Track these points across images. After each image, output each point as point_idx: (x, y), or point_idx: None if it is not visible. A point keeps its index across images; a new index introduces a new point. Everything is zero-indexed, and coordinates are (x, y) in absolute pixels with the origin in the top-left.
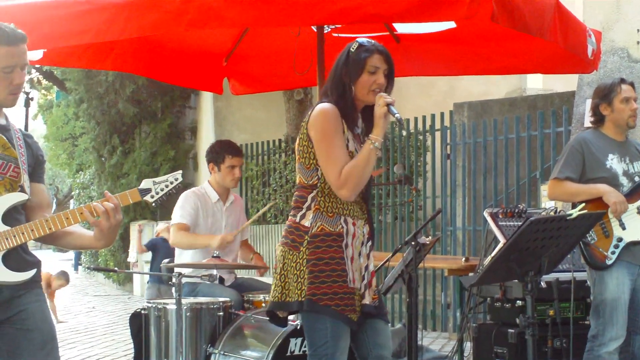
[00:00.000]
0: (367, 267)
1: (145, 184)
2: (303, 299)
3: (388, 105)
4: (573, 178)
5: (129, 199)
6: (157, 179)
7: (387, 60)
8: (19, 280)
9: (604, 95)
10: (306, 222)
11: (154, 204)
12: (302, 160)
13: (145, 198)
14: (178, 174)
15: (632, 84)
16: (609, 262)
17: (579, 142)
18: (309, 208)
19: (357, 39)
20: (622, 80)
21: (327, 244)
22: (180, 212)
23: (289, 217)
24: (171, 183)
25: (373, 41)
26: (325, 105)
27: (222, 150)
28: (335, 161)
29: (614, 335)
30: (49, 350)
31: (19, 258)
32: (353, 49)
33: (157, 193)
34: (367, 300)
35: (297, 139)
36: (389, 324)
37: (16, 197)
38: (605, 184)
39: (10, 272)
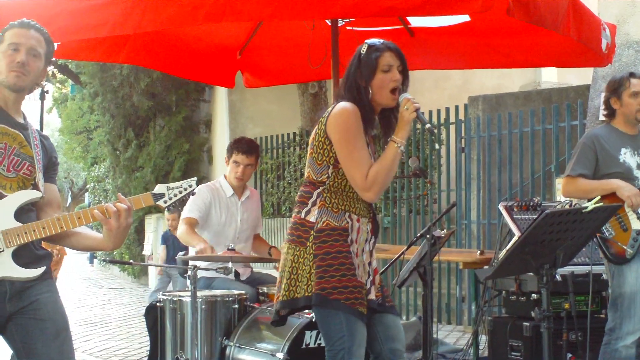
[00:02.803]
0: (370, 264)
1: (159, 188)
2: (310, 294)
3: (417, 111)
4: (586, 175)
5: (142, 203)
6: (171, 185)
7: (399, 57)
8: (29, 276)
9: (614, 89)
10: (311, 218)
11: (166, 208)
12: (315, 155)
13: (158, 203)
14: (192, 181)
15: None
16: (628, 256)
17: (591, 139)
18: (314, 204)
19: (366, 41)
20: (632, 74)
21: (333, 239)
22: (190, 206)
23: (293, 214)
24: (185, 189)
25: (382, 40)
26: (347, 105)
27: (234, 145)
28: (360, 163)
29: (631, 329)
30: (62, 340)
31: (29, 254)
32: (363, 51)
33: (170, 198)
34: (372, 296)
35: (313, 133)
36: (399, 317)
37: (30, 194)
38: (620, 178)
39: (21, 269)
